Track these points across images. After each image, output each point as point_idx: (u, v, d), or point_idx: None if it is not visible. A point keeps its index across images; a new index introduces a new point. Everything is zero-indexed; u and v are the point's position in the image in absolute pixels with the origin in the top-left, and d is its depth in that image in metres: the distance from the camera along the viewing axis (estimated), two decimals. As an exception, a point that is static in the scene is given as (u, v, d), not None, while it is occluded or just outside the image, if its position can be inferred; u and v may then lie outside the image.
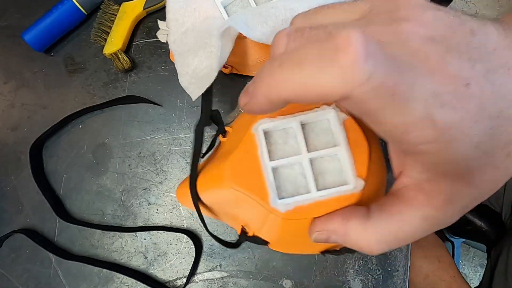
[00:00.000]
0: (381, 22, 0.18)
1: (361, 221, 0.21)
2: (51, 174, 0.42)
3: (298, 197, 0.26)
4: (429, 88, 0.16)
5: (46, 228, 0.42)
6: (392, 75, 0.15)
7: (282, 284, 0.39)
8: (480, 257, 1.16)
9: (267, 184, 0.26)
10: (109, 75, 0.43)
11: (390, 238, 0.20)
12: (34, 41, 0.41)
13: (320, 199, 0.25)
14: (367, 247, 0.21)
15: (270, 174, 0.26)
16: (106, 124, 0.42)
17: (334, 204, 0.25)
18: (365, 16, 0.19)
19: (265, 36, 0.31)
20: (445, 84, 0.16)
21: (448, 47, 0.17)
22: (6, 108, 0.44)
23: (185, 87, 0.35)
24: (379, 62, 0.15)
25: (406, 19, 0.17)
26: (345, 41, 0.15)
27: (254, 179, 0.27)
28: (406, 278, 0.37)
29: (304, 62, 0.16)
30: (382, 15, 0.18)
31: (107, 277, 0.41)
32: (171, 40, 0.37)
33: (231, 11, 0.36)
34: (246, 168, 0.27)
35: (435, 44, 0.17)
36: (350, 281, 0.38)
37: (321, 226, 0.23)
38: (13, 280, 0.42)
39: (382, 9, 0.18)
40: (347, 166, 0.26)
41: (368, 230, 0.20)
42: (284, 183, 0.27)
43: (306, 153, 0.26)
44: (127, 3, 0.42)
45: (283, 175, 0.27)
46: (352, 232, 0.21)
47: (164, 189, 0.41)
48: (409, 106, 0.16)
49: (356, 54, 0.14)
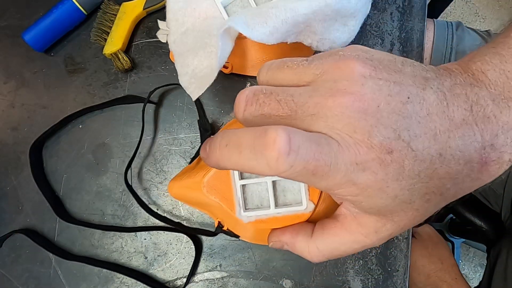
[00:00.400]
0: (323, 93, 0.21)
1: (306, 237, 0.27)
2: (51, 174, 0.42)
3: (258, 212, 0.32)
4: (349, 160, 0.20)
5: (46, 228, 0.42)
6: (312, 160, 0.19)
7: (282, 284, 0.39)
8: (480, 257, 1.16)
9: (234, 199, 0.33)
10: (109, 75, 0.43)
11: (327, 253, 0.26)
12: (34, 41, 0.41)
13: (277, 215, 0.32)
14: (309, 257, 0.26)
15: (238, 190, 0.33)
16: (106, 124, 0.42)
17: (287, 220, 0.31)
18: (315, 80, 0.22)
19: (265, 36, 0.31)
20: (368, 153, 0.20)
21: (379, 119, 0.20)
22: (6, 108, 0.44)
23: (185, 87, 0.35)
24: (300, 156, 0.19)
25: (345, 92, 0.20)
26: (272, 140, 0.19)
27: (226, 192, 0.33)
28: (406, 278, 0.37)
29: (242, 149, 0.20)
30: (327, 84, 0.21)
31: (107, 277, 0.41)
32: (171, 40, 0.37)
33: (231, 11, 0.36)
34: (220, 181, 0.34)
35: (366, 117, 0.20)
36: (350, 281, 0.38)
37: (276, 237, 0.29)
38: (13, 280, 0.42)
39: (329, 76, 0.22)
40: (302, 190, 0.31)
41: (310, 245, 0.26)
42: (252, 196, 0.33)
43: (269, 176, 0.32)
44: (127, 3, 0.42)
45: (252, 189, 0.33)
46: (298, 245, 0.27)
47: (164, 189, 0.41)
48: (330, 177, 0.20)
49: (279, 151, 0.19)
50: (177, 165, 0.41)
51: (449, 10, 1.25)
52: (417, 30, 0.40)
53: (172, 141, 0.41)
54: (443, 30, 0.59)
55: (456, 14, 1.25)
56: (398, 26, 0.40)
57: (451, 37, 0.58)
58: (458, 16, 1.25)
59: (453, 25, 0.60)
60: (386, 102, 0.20)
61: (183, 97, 0.41)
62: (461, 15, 1.25)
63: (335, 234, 0.25)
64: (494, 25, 1.23)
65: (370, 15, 0.40)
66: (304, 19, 0.32)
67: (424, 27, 0.40)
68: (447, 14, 1.25)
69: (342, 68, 0.21)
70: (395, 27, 0.40)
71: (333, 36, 0.35)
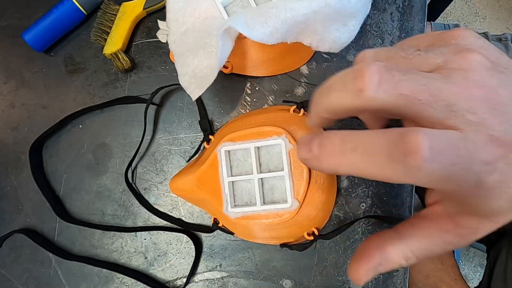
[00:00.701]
0: (458, 82, 0.19)
1: (396, 244, 0.24)
2: (51, 174, 0.42)
3: (245, 208, 0.33)
4: (482, 160, 0.18)
5: (46, 228, 0.42)
6: (451, 166, 0.18)
7: (282, 284, 0.39)
8: (480, 257, 1.16)
9: (223, 196, 0.34)
10: (109, 75, 0.43)
11: (420, 255, 0.23)
12: (34, 41, 0.41)
13: (262, 212, 0.33)
14: (406, 264, 0.23)
15: (226, 187, 0.34)
16: (106, 124, 0.42)
17: (273, 216, 0.33)
18: (440, 69, 0.20)
19: (265, 36, 0.31)
20: (498, 151, 0.19)
21: (508, 114, 0.19)
22: (6, 108, 0.44)
23: (185, 87, 0.35)
24: (442, 164, 0.17)
25: (479, 84, 0.19)
26: (415, 147, 0.17)
27: (215, 189, 0.34)
28: (406, 278, 0.37)
29: (375, 156, 0.18)
30: (458, 73, 0.20)
31: (107, 277, 0.41)
32: (171, 40, 0.37)
33: (231, 11, 0.36)
34: (210, 179, 0.35)
35: (498, 113, 0.19)
36: (350, 281, 0.38)
37: (366, 267, 0.24)
38: (13, 280, 0.42)
39: (456, 65, 0.20)
40: (288, 188, 0.32)
41: (404, 250, 0.23)
42: (241, 193, 0.34)
43: (257, 174, 0.33)
44: (127, 3, 0.42)
45: (242, 186, 0.34)
46: (392, 256, 0.24)
47: (164, 189, 0.41)
48: (463, 181, 0.19)
49: (421, 160, 0.17)
50: (177, 165, 0.41)
51: (449, 10, 1.25)
52: (417, 30, 0.40)
53: (172, 141, 0.41)
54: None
55: (456, 14, 1.25)
56: (398, 26, 0.40)
57: None
58: (458, 16, 1.25)
59: (450, 27, 0.60)
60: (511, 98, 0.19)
61: (183, 97, 0.41)
62: (461, 15, 1.25)
63: (429, 235, 0.23)
64: (494, 25, 1.23)
65: (370, 15, 0.40)
66: (304, 19, 0.32)
67: (424, 27, 0.40)
68: (447, 14, 1.25)
69: (467, 58, 0.20)
70: (395, 27, 0.40)
71: (333, 36, 0.35)
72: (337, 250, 0.38)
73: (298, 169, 0.33)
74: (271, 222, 0.33)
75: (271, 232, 0.35)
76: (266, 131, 0.33)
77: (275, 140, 0.33)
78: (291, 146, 0.33)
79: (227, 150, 0.34)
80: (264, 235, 0.35)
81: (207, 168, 0.35)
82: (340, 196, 0.38)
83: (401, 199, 0.38)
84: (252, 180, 0.34)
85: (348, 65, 0.40)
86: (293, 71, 0.40)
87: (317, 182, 0.34)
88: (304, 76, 0.40)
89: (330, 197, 0.36)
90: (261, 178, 0.34)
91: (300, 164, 0.33)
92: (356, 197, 0.38)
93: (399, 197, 0.38)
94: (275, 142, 0.33)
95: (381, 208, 0.38)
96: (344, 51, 0.40)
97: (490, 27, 1.23)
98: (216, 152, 0.35)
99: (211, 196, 0.35)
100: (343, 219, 0.38)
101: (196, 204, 0.40)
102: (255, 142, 0.33)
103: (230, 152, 0.35)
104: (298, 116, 0.36)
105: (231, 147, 0.34)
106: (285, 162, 0.33)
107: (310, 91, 0.39)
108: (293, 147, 0.33)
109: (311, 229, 0.35)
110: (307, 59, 0.40)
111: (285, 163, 0.33)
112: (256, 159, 0.34)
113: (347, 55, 0.40)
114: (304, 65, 0.40)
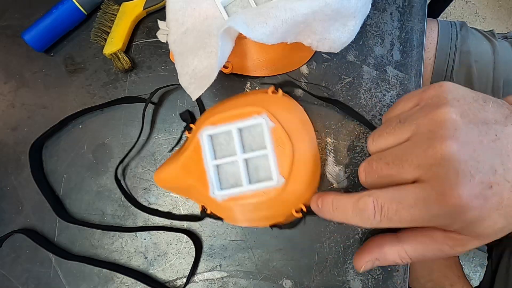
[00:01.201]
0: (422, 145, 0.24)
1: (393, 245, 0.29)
2: (51, 174, 0.42)
3: (231, 190, 0.33)
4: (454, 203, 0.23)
5: (46, 228, 0.42)
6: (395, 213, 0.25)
7: (282, 284, 0.39)
8: (480, 257, 1.16)
9: (208, 179, 0.34)
10: (109, 75, 0.43)
11: (414, 257, 0.28)
12: (34, 41, 0.41)
13: (249, 191, 0.33)
14: (400, 262, 0.29)
15: (211, 171, 0.34)
16: (106, 124, 0.42)
17: (260, 195, 0.33)
18: (413, 135, 0.25)
19: (265, 36, 0.31)
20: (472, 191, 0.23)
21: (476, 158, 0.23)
22: (6, 108, 0.44)
23: (185, 87, 0.35)
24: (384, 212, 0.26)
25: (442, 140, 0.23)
26: (364, 206, 0.27)
27: (200, 174, 0.34)
28: (406, 278, 0.37)
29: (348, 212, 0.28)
30: (424, 136, 0.24)
31: (107, 277, 0.41)
32: (171, 40, 0.37)
33: (231, 11, 0.36)
34: (194, 165, 0.35)
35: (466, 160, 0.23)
36: (350, 281, 0.38)
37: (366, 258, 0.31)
38: (13, 280, 0.42)
39: (425, 128, 0.25)
40: (272, 166, 0.33)
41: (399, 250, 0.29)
42: (226, 176, 0.34)
43: (241, 155, 0.33)
44: (127, 3, 0.42)
45: (226, 170, 0.34)
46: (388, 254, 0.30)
47: (164, 189, 0.41)
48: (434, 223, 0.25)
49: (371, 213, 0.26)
50: (177, 165, 0.41)
51: (449, 10, 1.25)
52: (417, 30, 0.40)
53: (172, 141, 0.41)
54: (447, 30, 0.59)
55: (456, 14, 1.25)
56: (398, 26, 0.40)
57: (455, 37, 0.58)
58: (458, 16, 1.25)
59: (457, 25, 0.60)
60: (479, 142, 0.23)
61: (183, 97, 0.41)
62: (461, 15, 1.25)
63: (422, 242, 0.28)
64: (494, 25, 1.23)
65: (370, 15, 0.40)
66: (304, 19, 0.32)
67: (424, 27, 0.40)
68: (447, 14, 1.25)
69: (434, 119, 0.24)
70: (395, 27, 0.40)
71: (333, 36, 0.35)
72: (337, 250, 0.38)
73: (281, 147, 0.33)
74: (258, 201, 0.33)
75: (260, 212, 0.35)
76: (246, 111, 0.33)
77: (256, 120, 0.33)
78: (272, 124, 0.33)
79: (209, 135, 0.34)
80: (252, 217, 0.35)
81: (190, 154, 0.35)
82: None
83: (401, 199, 0.38)
84: (236, 162, 0.34)
85: (348, 65, 0.40)
86: (293, 71, 0.40)
87: (301, 159, 0.34)
88: (304, 76, 0.40)
89: (316, 174, 0.37)
90: (245, 158, 0.34)
91: (283, 141, 0.33)
92: (356, 197, 0.38)
93: (399, 197, 0.38)
94: (256, 121, 0.33)
95: (381, 208, 0.38)
96: (344, 51, 0.40)
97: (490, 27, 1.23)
98: (198, 137, 0.35)
99: (196, 182, 0.35)
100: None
101: (183, 194, 0.40)
102: (236, 123, 0.34)
103: (212, 136, 0.35)
104: (276, 96, 0.36)
105: (213, 130, 0.34)
106: (268, 140, 0.33)
107: (310, 91, 0.39)
108: (274, 125, 0.33)
109: (299, 206, 0.35)
110: (307, 59, 0.40)
111: (267, 141, 0.33)
112: (239, 140, 0.34)
113: (347, 55, 0.40)
114: (304, 65, 0.40)
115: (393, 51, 0.40)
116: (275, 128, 0.33)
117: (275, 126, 0.33)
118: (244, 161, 0.34)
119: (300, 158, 0.34)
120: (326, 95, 0.40)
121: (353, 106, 0.39)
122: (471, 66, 0.57)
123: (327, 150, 0.39)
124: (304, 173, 0.34)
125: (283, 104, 0.36)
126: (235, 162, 0.34)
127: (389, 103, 0.39)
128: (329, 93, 0.40)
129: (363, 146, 0.39)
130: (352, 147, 0.39)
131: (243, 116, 0.34)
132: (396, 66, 0.40)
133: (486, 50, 0.58)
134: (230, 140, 0.34)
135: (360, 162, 0.39)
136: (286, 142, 0.33)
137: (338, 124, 0.39)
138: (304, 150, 0.34)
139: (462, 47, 0.58)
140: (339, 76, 0.40)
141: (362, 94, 0.39)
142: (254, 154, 0.33)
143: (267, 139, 0.33)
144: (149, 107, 0.42)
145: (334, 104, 0.38)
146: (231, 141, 0.34)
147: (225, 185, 0.35)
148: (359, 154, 0.39)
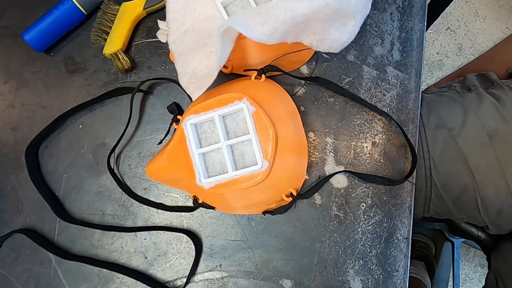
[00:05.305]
0: None
1: None
2: (51, 174, 0.42)
3: (218, 177, 0.33)
4: None
5: (46, 228, 0.42)
6: None
7: (282, 284, 0.39)
8: (480, 257, 1.16)
9: (194, 168, 0.34)
10: (109, 75, 0.43)
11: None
12: (34, 41, 0.41)
13: (235, 177, 0.33)
14: None
15: (197, 159, 0.34)
16: (106, 124, 0.42)
17: (246, 180, 0.33)
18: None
19: (265, 36, 0.31)
20: None
21: None
22: (6, 108, 0.44)
23: (185, 87, 0.35)
24: None
25: None
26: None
27: (186, 163, 0.34)
28: (406, 278, 0.37)
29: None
30: None
31: (107, 277, 0.41)
32: (171, 40, 0.37)
33: (231, 11, 0.36)
34: (179, 154, 0.35)
35: None
36: (350, 281, 0.38)
37: None
38: (13, 280, 0.42)
39: None
40: (256, 150, 0.32)
41: None
42: (213, 164, 0.35)
43: (224, 141, 0.34)
44: (127, 3, 0.42)
45: (212, 158, 0.35)
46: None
47: (164, 189, 0.41)
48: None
49: None
50: (177, 165, 0.41)
51: (449, 10, 1.25)
52: (417, 30, 0.40)
53: (172, 141, 0.41)
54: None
55: (456, 14, 1.25)
56: (398, 26, 0.40)
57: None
58: (458, 16, 1.25)
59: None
60: None
61: (183, 97, 0.41)
62: (461, 15, 1.25)
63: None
64: (494, 25, 1.23)
65: (370, 15, 0.40)
66: (304, 19, 0.32)
67: (424, 27, 0.40)
68: (447, 14, 1.25)
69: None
70: (395, 27, 0.40)
71: (333, 36, 0.35)
72: (337, 250, 0.38)
73: (264, 131, 0.33)
74: (245, 186, 0.33)
75: (249, 198, 0.35)
76: (227, 97, 0.34)
77: (237, 105, 0.33)
78: (254, 108, 0.33)
79: (193, 123, 0.35)
80: (243, 203, 0.35)
81: (175, 144, 0.35)
82: (340, 196, 0.38)
83: (401, 199, 0.38)
84: (221, 149, 0.34)
85: (348, 65, 0.40)
86: (293, 71, 0.40)
87: (286, 143, 0.34)
88: (304, 76, 0.40)
89: (302, 158, 0.37)
90: (230, 145, 0.34)
91: (266, 125, 0.33)
92: (356, 197, 0.38)
93: (399, 197, 0.38)
94: (237, 107, 0.33)
95: (381, 208, 0.38)
96: (344, 51, 0.40)
97: (490, 27, 1.23)
98: (182, 126, 0.35)
99: (184, 171, 0.35)
100: (343, 219, 0.38)
101: (173, 185, 0.40)
102: (218, 111, 0.34)
103: (197, 125, 0.35)
104: (259, 82, 0.36)
105: (196, 119, 0.34)
106: (250, 125, 0.33)
107: (310, 91, 0.39)
108: (256, 110, 0.33)
109: (288, 191, 0.35)
110: (307, 59, 0.40)
111: (249, 125, 0.33)
112: (222, 128, 0.34)
113: (347, 55, 0.40)
114: (304, 65, 0.40)
115: (393, 51, 0.40)
116: (257, 113, 0.33)
117: (257, 110, 0.33)
118: (229, 148, 0.34)
119: (285, 142, 0.34)
120: (327, 95, 0.40)
121: (353, 106, 0.39)
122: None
123: (327, 150, 0.39)
124: (289, 158, 0.34)
125: (265, 88, 0.36)
126: (220, 149, 0.34)
127: (389, 103, 0.39)
128: (329, 94, 0.40)
129: (363, 146, 0.39)
130: (352, 147, 0.39)
131: (224, 103, 0.34)
132: (396, 66, 0.40)
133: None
134: (215, 128, 0.35)
135: (360, 162, 0.39)
136: (269, 125, 0.33)
137: (338, 124, 0.39)
138: (289, 135, 0.34)
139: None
140: (339, 76, 0.40)
141: (362, 94, 0.39)
142: (237, 140, 0.33)
143: (249, 124, 0.33)
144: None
145: (315, 81, 0.39)
146: (215, 129, 0.35)
147: (213, 172, 0.35)
148: (359, 154, 0.39)
